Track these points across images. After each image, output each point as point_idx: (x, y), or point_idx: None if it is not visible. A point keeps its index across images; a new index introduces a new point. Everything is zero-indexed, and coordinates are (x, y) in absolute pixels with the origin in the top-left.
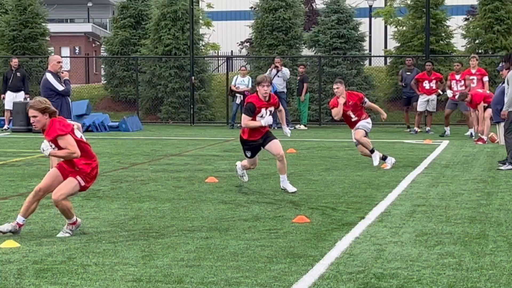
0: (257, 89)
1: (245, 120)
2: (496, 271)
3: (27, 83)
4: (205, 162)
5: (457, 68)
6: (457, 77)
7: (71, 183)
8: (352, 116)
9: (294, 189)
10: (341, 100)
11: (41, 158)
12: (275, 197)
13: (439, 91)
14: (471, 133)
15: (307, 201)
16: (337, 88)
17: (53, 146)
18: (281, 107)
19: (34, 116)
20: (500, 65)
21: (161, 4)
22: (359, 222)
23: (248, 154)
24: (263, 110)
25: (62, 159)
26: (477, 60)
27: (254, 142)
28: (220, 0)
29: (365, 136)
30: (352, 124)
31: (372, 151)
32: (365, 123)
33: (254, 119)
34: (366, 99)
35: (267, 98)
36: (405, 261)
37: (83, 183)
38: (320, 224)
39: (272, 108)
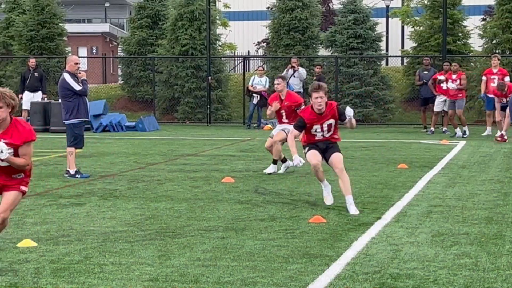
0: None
1: (291, 133)
2: None
3: (45, 83)
4: (221, 162)
5: (454, 68)
6: (454, 76)
7: (18, 196)
8: (284, 116)
9: (356, 212)
10: (275, 106)
11: (58, 158)
12: (291, 197)
13: None
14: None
15: (324, 201)
16: (278, 84)
17: (11, 149)
18: (348, 117)
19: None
20: None
21: (178, 4)
22: (375, 222)
23: (306, 149)
24: (315, 126)
25: None
26: (498, 59)
27: (312, 144)
28: (237, 0)
29: (282, 143)
30: (281, 123)
31: (283, 161)
32: None
33: (307, 132)
34: (303, 107)
35: (321, 111)
36: (421, 261)
37: (25, 189)
38: (337, 224)
39: (330, 121)
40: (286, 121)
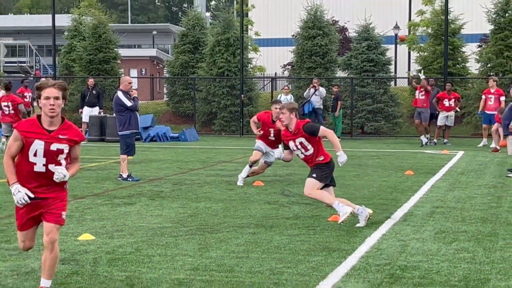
0: None
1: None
2: (506, 265)
3: (102, 100)
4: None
5: (420, 89)
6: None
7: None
8: (272, 137)
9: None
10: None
11: (113, 163)
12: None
13: (457, 108)
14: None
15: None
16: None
17: (67, 146)
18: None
19: (57, 98)
20: (510, 87)
21: (216, 32)
22: (385, 221)
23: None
24: (290, 143)
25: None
26: (494, 81)
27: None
28: (266, 29)
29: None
30: (269, 142)
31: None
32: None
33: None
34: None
35: (288, 127)
36: (426, 255)
37: (64, 217)
38: (352, 222)
39: (301, 140)
40: (273, 139)
